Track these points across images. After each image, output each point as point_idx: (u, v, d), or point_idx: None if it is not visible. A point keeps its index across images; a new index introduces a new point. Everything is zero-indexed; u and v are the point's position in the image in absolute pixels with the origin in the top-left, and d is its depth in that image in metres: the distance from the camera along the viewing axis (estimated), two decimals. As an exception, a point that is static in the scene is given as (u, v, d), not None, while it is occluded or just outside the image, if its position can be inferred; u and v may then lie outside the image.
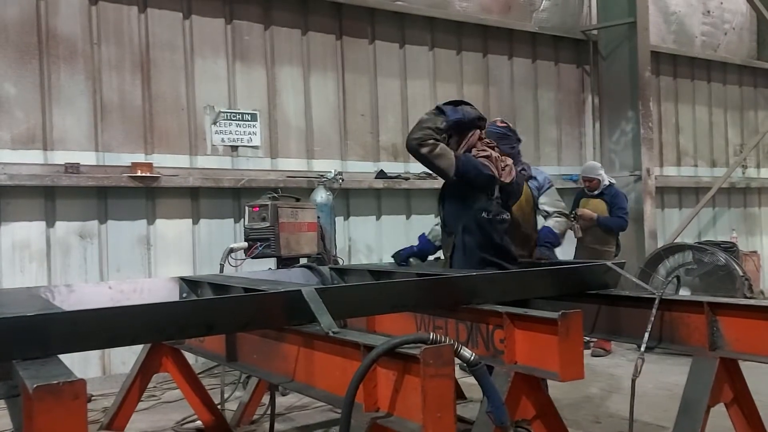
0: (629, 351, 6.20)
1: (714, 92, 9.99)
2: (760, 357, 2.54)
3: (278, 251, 4.89)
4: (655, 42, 8.86)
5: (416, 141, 3.24)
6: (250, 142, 6.34)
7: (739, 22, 10.31)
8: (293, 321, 2.26)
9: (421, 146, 3.23)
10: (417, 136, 3.25)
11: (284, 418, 4.50)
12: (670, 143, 9.47)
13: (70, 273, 5.49)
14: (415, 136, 3.25)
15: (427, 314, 2.89)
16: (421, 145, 3.23)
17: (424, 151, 3.23)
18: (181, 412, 4.50)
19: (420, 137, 3.24)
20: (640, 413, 3.86)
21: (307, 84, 6.65)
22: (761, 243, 10.25)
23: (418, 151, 3.24)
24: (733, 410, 2.72)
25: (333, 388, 2.10)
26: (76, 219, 5.55)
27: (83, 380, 1.52)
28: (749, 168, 10.33)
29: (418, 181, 7.09)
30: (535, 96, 8.23)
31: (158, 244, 5.87)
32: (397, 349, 1.80)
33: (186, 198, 6.02)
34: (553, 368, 2.33)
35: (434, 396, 1.72)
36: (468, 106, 3.48)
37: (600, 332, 3.09)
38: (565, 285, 3.04)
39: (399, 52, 7.22)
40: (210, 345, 2.97)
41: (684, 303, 2.78)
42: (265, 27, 6.44)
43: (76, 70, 5.59)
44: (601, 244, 6.22)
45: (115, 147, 5.72)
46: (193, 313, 2.15)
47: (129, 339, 2.07)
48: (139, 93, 5.84)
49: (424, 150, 3.23)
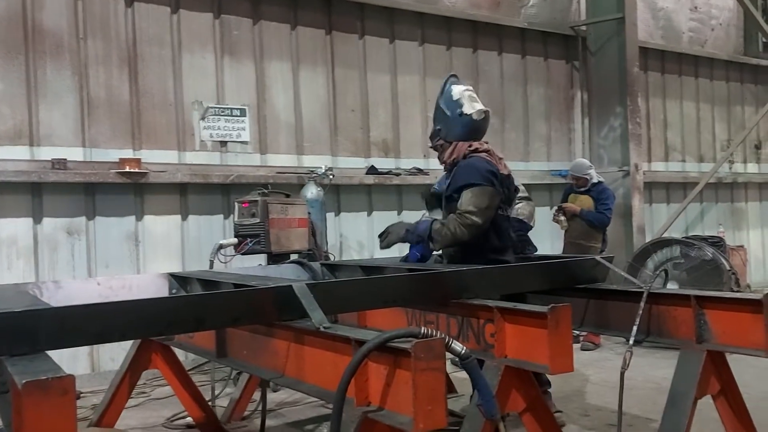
0: (618, 344, 6.25)
1: (701, 88, 10.06)
2: (746, 349, 2.56)
3: (268, 247, 4.88)
4: (643, 38, 8.91)
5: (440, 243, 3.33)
6: (239, 138, 6.32)
7: (726, 18, 10.38)
8: (284, 316, 2.26)
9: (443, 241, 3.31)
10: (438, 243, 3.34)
11: (275, 413, 4.50)
12: (658, 139, 9.53)
13: (58, 269, 5.45)
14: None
15: (418, 309, 2.90)
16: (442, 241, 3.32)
17: (447, 241, 3.30)
18: (171, 409, 4.48)
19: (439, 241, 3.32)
20: (628, 406, 3.89)
21: (297, 79, 6.63)
22: (748, 237, 10.35)
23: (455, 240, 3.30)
24: (720, 402, 2.75)
25: (324, 383, 2.10)
26: (64, 215, 5.50)
27: (72, 376, 1.52)
28: (736, 163, 10.42)
29: (409, 177, 7.09)
30: (525, 92, 8.26)
31: (147, 240, 5.83)
32: (389, 344, 1.81)
33: (174, 194, 5.98)
34: (543, 361, 2.34)
35: (425, 390, 1.72)
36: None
37: (589, 326, 3.12)
38: (555, 279, 3.06)
39: (389, 48, 7.21)
40: (200, 341, 2.96)
41: (671, 297, 2.80)
42: (253, 22, 6.41)
43: (62, 65, 5.54)
44: (587, 240, 6.28)
45: (102, 143, 5.67)
46: (182, 309, 2.14)
47: (118, 335, 2.06)
48: (127, 88, 5.80)
49: (446, 241, 3.30)
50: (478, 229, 3.24)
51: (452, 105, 3.42)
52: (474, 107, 3.40)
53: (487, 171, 3.30)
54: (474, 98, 3.44)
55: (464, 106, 3.38)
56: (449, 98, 3.43)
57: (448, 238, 3.29)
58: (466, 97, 3.40)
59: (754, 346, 2.53)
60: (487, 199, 3.25)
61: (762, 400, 4.11)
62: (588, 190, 6.40)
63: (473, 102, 3.41)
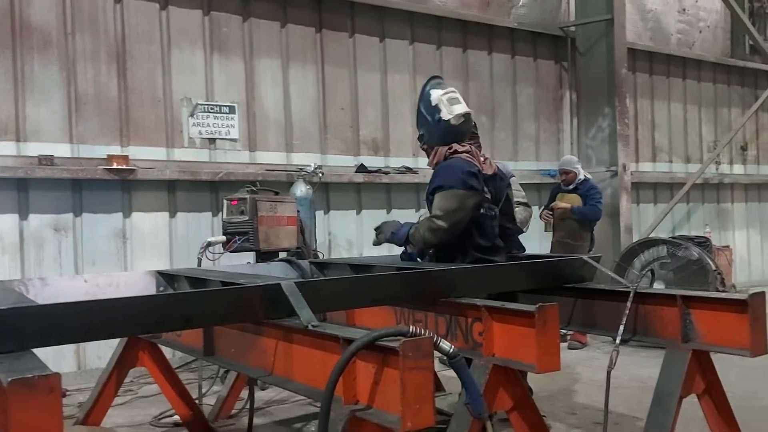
0: (605, 343, 6.30)
1: (689, 89, 10.15)
2: (731, 349, 2.59)
3: (257, 245, 4.86)
4: (632, 39, 8.97)
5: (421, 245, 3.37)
6: (228, 135, 6.29)
7: (713, 21, 10.47)
8: (272, 315, 2.25)
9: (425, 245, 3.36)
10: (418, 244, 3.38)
11: (263, 412, 4.49)
12: (645, 139, 9.60)
13: (44, 266, 5.40)
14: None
15: (407, 308, 2.90)
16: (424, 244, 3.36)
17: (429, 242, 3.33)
18: (158, 407, 4.46)
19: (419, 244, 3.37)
20: (615, 404, 3.92)
21: (287, 77, 6.61)
22: (733, 238, 10.46)
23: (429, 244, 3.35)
24: (705, 401, 2.77)
25: (312, 382, 2.10)
26: (51, 212, 5.46)
27: (58, 374, 1.51)
28: (722, 164, 10.53)
29: (398, 176, 7.10)
30: (514, 91, 8.29)
31: (134, 237, 5.80)
32: (377, 342, 1.81)
33: (163, 191, 5.95)
34: (530, 360, 2.36)
35: (413, 388, 1.73)
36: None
37: (576, 325, 3.13)
38: (543, 278, 3.08)
39: (379, 46, 7.21)
40: (187, 339, 2.95)
41: (658, 296, 2.83)
42: (243, 19, 6.39)
43: (50, 60, 5.49)
44: (575, 239, 6.32)
45: (90, 139, 5.63)
46: (170, 307, 2.13)
47: (105, 333, 2.04)
48: (115, 84, 5.76)
49: (419, 245, 3.36)
50: (445, 233, 3.23)
51: (431, 111, 3.42)
52: (452, 112, 3.36)
53: (464, 172, 3.27)
54: (454, 100, 3.41)
55: (442, 112, 3.36)
56: (428, 104, 3.42)
57: (420, 243, 3.34)
58: (444, 102, 3.38)
59: (738, 345, 2.56)
60: (455, 202, 3.22)
61: (745, 399, 4.16)
62: (575, 188, 6.46)
63: (452, 106, 3.38)
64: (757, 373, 4.82)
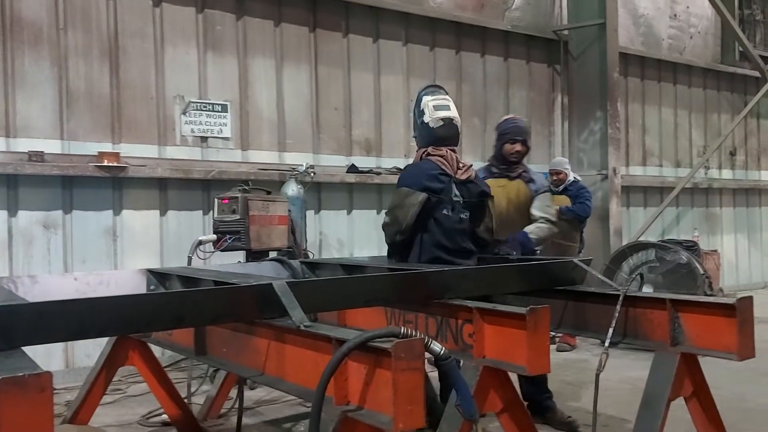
0: (594, 346, 6.34)
1: (679, 94, 10.22)
2: (719, 352, 2.61)
3: (248, 244, 4.85)
4: (624, 44, 9.02)
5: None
6: (221, 134, 6.28)
7: (704, 27, 10.56)
8: (264, 314, 2.25)
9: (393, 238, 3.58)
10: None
11: (253, 412, 4.48)
12: (636, 143, 9.67)
13: (33, 264, 5.37)
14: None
15: (398, 309, 2.91)
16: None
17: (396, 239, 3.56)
18: (146, 406, 4.45)
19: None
20: (603, 407, 3.95)
21: (280, 76, 6.60)
22: (721, 242, 10.55)
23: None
24: (692, 404, 2.80)
25: (304, 382, 2.10)
26: (40, 208, 5.42)
27: (49, 372, 1.50)
28: (711, 169, 10.61)
29: (390, 176, 7.09)
30: (507, 94, 8.32)
31: (125, 235, 5.77)
32: (369, 343, 1.81)
33: (154, 189, 5.92)
34: (521, 362, 2.37)
35: (405, 389, 1.73)
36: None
37: (566, 327, 3.15)
38: (534, 281, 3.09)
39: (373, 47, 7.21)
40: (178, 338, 2.94)
41: (647, 300, 2.84)
42: (237, 17, 6.37)
43: (41, 55, 5.45)
44: (566, 240, 6.35)
45: (81, 135, 5.60)
46: (161, 306, 2.12)
47: (95, 332, 2.03)
48: (107, 81, 5.72)
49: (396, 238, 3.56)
50: (388, 227, 3.54)
51: (419, 114, 3.63)
52: (434, 116, 3.55)
53: (426, 174, 3.48)
54: (441, 107, 3.57)
55: (425, 116, 3.57)
56: (417, 107, 3.66)
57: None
58: (430, 106, 3.57)
59: (726, 349, 2.58)
60: (397, 199, 3.50)
61: (733, 401, 4.21)
62: (565, 189, 6.52)
63: (437, 111, 3.56)
64: (743, 375, 4.87)
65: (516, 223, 4.11)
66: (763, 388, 4.87)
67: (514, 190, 4.20)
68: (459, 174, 3.54)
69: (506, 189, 4.18)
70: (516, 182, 4.21)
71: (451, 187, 3.51)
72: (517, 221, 4.13)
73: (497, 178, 4.20)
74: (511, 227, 4.06)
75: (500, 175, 4.22)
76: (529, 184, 4.22)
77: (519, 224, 4.12)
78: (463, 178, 3.54)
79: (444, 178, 3.50)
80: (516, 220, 4.13)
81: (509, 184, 4.20)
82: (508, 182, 4.21)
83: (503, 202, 4.11)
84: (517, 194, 4.19)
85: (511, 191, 4.19)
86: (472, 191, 3.59)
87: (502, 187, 4.15)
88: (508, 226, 4.03)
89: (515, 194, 4.19)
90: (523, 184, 4.21)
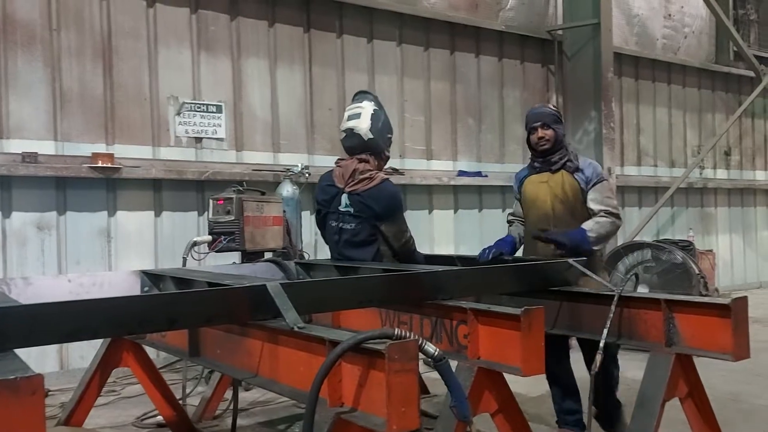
0: (589, 346, 6.32)
1: (674, 94, 10.25)
2: (714, 353, 2.62)
3: (243, 245, 4.84)
4: (619, 44, 9.03)
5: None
6: (215, 134, 6.26)
7: (698, 27, 10.58)
8: (258, 316, 2.24)
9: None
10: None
11: (247, 413, 4.47)
12: (631, 143, 9.69)
13: (27, 265, 5.34)
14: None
15: (392, 309, 2.90)
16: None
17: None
18: (141, 408, 4.43)
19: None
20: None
21: (274, 76, 6.59)
22: (717, 242, 10.58)
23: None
24: (688, 404, 2.80)
25: (297, 384, 2.09)
26: (34, 210, 5.40)
27: (41, 375, 1.49)
28: (706, 169, 10.64)
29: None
30: (501, 94, 8.32)
31: (119, 236, 5.75)
32: (363, 345, 1.81)
33: (148, 190, 5.91)
34: (515, 363, 2.37)
35: (399, 391, 1.73)
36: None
37: (561, 328, 3.15)
38: (529, 281, 3.09)
39: (367, 47, 7.21)
40: (172, 340, 2.93)
41: (642, 300, 2.85)
42: (231, 18, 6.36)
43: (34, 56, 5.43)
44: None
45: (74, 136, 5.58)
46: (155, 308, 2.11)
47: (89, 334, 2.02)
48: (101, 81, 5.71)
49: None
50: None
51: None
52: (341, 126, 3.66)
53: (319, 185, 3.72)
54: (349, 117, 3.61)
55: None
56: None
57: None
58: (344, 116, 3.66)
59: (721, 350, 2.59)
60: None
61: (728, 401, 4.22)
62: None
63: (344, 122, 3.64)
64: (738, 375, 4.88)
65: (567, 222, 3.67)
66: (758, 389, 4.88)
67: (558, 183, 3.72)
68: (349, 186, 3.52)
69: (549, 184, 3.75)
70: (560, 174, 3.73)
71: (340, 199, 3.53)
72: (568, 219, 3.68)
73: (540, 173, 3.81)
74: (564, 227, 3.65)
75: (542, 169, 3.80)
76: (575, 174, 3.71)
77: (571, 222, 3.66)
78: (349, 190, 3.51)
79: (331, 189, 3.58)
80: (566, 218, 3.69)
81: (552, 178, 3.75)
82: (551, 176, 3.75)
83: (548, 198, 3.73)
84: (563, 188, 3.71)
85: (556, 185, 3.73)
86: (363, 203, 3.50)
87: (544, 182, 3.76)
88: (560, 226, 3.65)
89: (561, 188, 3.72)
90: (568, 175, 3.71)
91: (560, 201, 3.71)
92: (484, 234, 7.66)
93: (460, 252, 7.09)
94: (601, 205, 3.64)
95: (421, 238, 5.48)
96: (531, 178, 3.84)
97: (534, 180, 3.81)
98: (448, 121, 7.84)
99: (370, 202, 3.49)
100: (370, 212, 3.49)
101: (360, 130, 3.53)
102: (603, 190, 3.72)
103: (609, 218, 3.62)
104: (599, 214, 3.62)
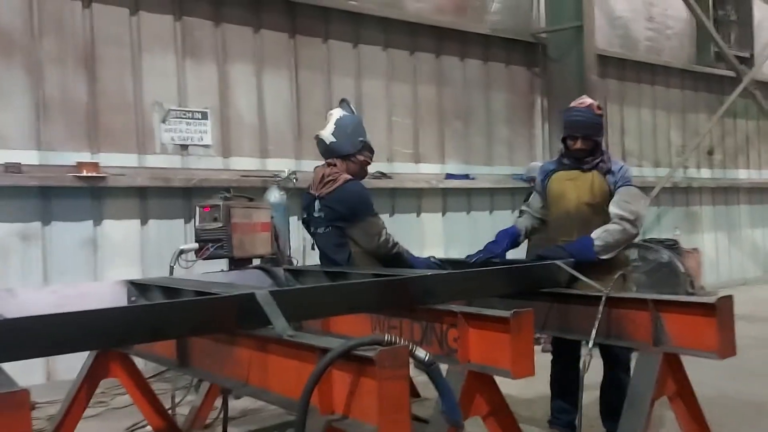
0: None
1: (657, 95, 10.35)
2: (700, 351, 2.64)
3: (231, 252, 4.81)
4: (602, 46, 9.11)
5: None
6: (201, 141, 6.23)
7: (680, 28, 10.70)
8: (247, 325, 2.23)
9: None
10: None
11: (238, 422, 4.44)
12: (615, 144, 9.75)
13: (11, 277, 5.27)
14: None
15: (383, 314, 2.90)
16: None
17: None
18: (130, 418, 4.39)
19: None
20: (589, 407, 3.96)
21: (260, 82, 6.57)
22: (702, 240, 10.67)
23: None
24: (676, 403, 2.82)
25: (288, 392, 2.08)
26: (17, 220, 5.33)
27: (26, 390, 1.47)
28: (690, 168, 10.75)
29: (373, 181, 7.08)
30: (487, 97, 8.36)
31: (105, 245, 5.69)
32: (353, 352, 1.80)
33: (134, 198, 5.86)
34: (505, 366, 2.37)
35: (390, 398, 1.73)
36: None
37: (551, 329, 3.16)
38: (519, 283, 3.10)
39: (353, 52, 7.21)
40: (160, 350, 2.90)
41: (629, 300, 2.87)
42: (215, 24, 6.33)
43: (13, 64, 5.37)
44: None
45: (58, 145, 5.52)
46: (142, 319, 2.09)
47: (75, 346, 2.01)
48: (84, 89, 5.65)
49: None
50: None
51: None
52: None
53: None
54: (328, 121, 3.79)
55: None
56: None
57: None
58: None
59: (707, 348, 2.61)
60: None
61: (715, 398, 4.25)
62: None
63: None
64: (725, 372, 4.91)
65: (591, 222, 3.55)
66: (745, 385, 4.92)
67: (587, 183, 3.62)
68: (318, 190, 3.65)
69: (577, 183, 3.64)
70: (591, 174, 3.61)
71: (314, 205, 3.66)
72: (593, 220, 3.57)
73: (569, 170, 3.68)
74: (586, 226, 3.53)
75: (572, 166, 3.68)
76: (607, 176, 3.60)
77: (596, 223, 3.54)
78: (318, 194, 3.64)
79: (308, 196, 3.73)
80: (591, 218, 3.58)
81: (582, 177, 3.63)
82: (581, 174, 3.63)
83: (572, 197, 3.63)
84: (590, 188, 3.61)
85: (584, 185, 3.62)
86: (328, 206, 3.59)
87: (572, 180, 3.65)
88: (583, 227, 3.53)
89: (588, 188, 3.61)
90: (599, 176, 3.60)
91: (586, 201, 3.61)
92: (473, 236, 7.67)
93: (449, 255, 7.09)
94: (619, 210, 3.50)
95: (411, 242, 5.47)
96: (558, 174, 3.71)
97: (561, 177, 3.69)
98: (435, 125, 7.86)
99: (334, 204, 3.56)
100: (335, 215, 3.55)
101: (323, 136, 3.71)
102: (625, 194, 3.57)
103: (621, 225, 3.46)
104: (614, 219, 3.50)
